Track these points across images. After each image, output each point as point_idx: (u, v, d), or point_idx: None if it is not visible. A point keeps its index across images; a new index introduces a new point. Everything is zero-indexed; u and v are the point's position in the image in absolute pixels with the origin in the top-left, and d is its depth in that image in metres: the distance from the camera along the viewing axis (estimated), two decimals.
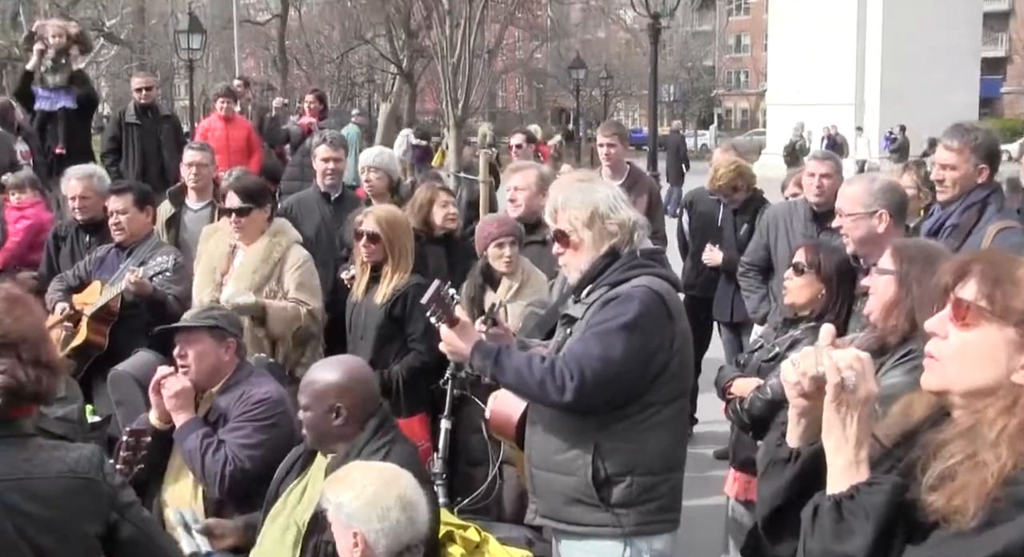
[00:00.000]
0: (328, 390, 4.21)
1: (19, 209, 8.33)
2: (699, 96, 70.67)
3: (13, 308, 2.86)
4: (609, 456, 3.99)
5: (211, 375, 4.89)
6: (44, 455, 2.89)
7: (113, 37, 40.97)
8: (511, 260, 6.07)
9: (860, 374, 2.17)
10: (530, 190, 6.80)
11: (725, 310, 8.12)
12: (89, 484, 2.92)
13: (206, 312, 5.00)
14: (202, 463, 4.63)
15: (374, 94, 56.88)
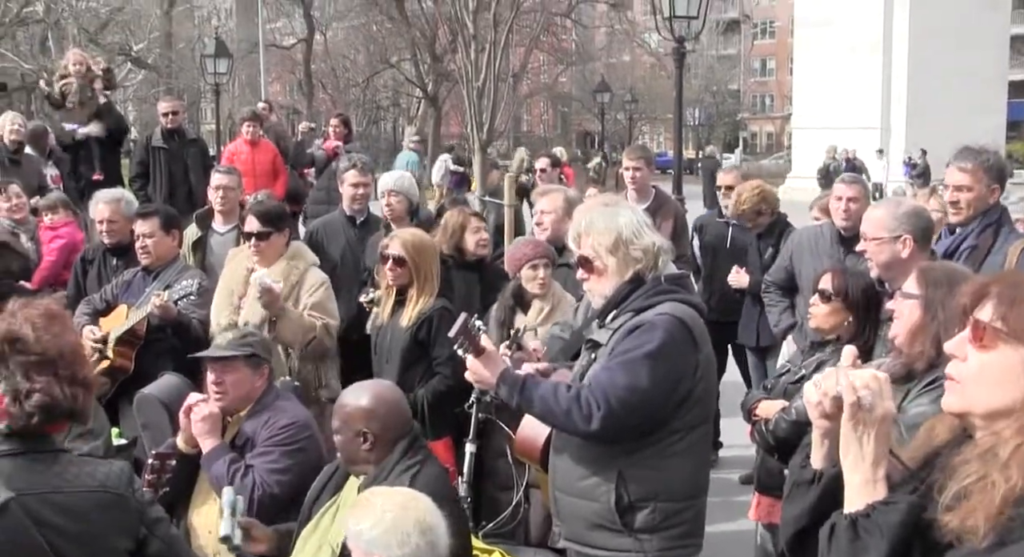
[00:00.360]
0: (356, 415, 4.22)
1: (53, 229, 8.40)
2: (724, 120, 70.68)
3: (51, 325, 2.89)
4: (632, 482, 3.99)
5: (244, 401, 4.91)
6: (75, 470, 2.92)
7: (140, 61, 41.39)
8: (544, 282, 6.07)
9: (877, 393, 2.19)
10: (557, 213, 6.82)
11: (751, 334, 8.09)
12: (119, 500, 2.95)
13: (242, 339, 4.98)
14: None
15: (399, 118, 57.17)
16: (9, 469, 2.82)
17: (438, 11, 30.93)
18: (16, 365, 2.83)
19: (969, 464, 2.12)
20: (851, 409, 2.19)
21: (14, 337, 2.84)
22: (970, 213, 5.64)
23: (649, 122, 65.49)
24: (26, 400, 2.82)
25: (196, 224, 7.72)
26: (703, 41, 38.45)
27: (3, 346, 2.85)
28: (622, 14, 49.76)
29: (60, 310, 3.01)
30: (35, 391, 2.82)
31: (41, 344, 2.85)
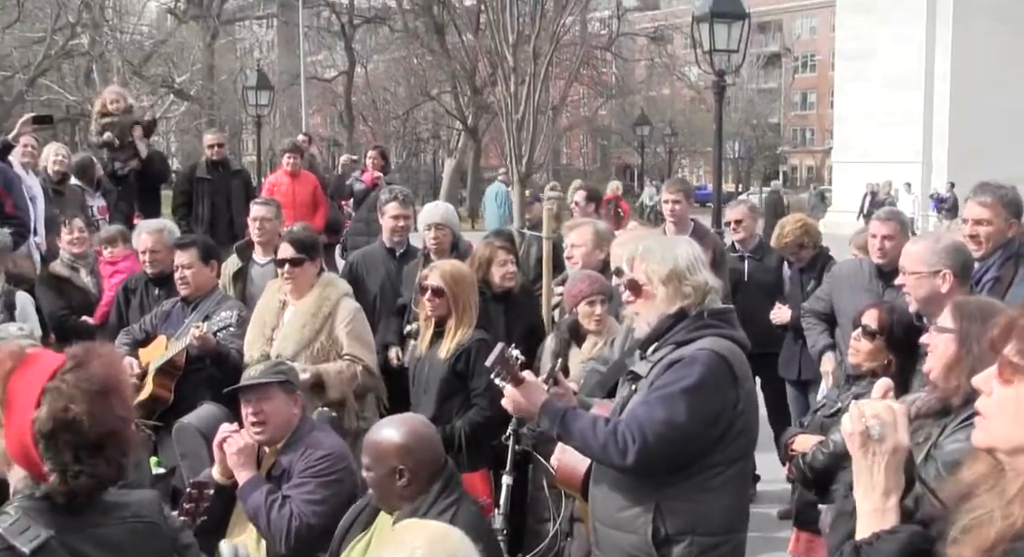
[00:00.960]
0: (390, 451, 4.18)
1: (112, 263, 8.43)
2: (764, 153, 70.57)
3: (105, 401, 2.83)
4: (670, 515, 3.98)
5: (284, 429, 4.93)
6: (108, 500, 2.92)
7: (183, 93, 41.84)
8: (601, 319, 6.05)
9: (888, 424, 2.22)
10: (587, 247, 6.82)
11: (793, 368, 8.04)
12: (152, 527, 2.95)
13: (274, 367, 5.02)
14: (268, 519, 4.64)
15: (439, 150, 57.42)
16: (43, 509, 2.80)
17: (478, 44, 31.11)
18: (66, 444, 2.77)
19: (979, 498, 2.13)
20: (860, 438, 2.24)
21: (70, 421, 2.77)
22: (989, 247, 5.73)
23: (689, 155, 65.53)
24: (73, 480, 2.78)
25: (236, 255, 7.77)
26: (743, 74, 38.43)
27: (56, 426, 2.77)
28: (662, 47, 49.90)
29: (115, 376, 2.90)
30: (83, 473, 2.78)
31: (96, 429, 2.78)
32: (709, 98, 20.79)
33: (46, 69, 38.68)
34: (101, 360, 2.90)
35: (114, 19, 41.56)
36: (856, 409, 2.26)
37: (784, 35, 76.59)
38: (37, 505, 2.79)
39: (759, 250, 8.63)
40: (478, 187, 45.52)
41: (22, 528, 2.72)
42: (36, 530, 2.72)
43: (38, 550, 2.70)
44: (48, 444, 2.77)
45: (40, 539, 2.71)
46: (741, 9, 14.97)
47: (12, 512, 2.78)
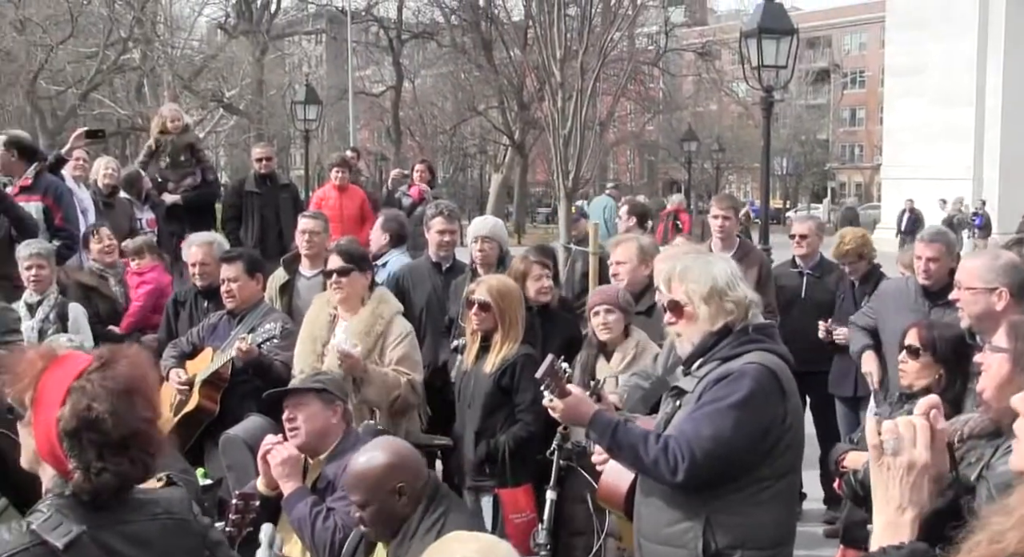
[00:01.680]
0: (384, 474, 4.18)
1: (139, 274, 8.54)
2: (812, 169, 70.13)
3: (129, 401, 2.87)
4: (720, 529, 3.96)
5: (320, 438, 4.94)
6: (139, 497, 2.95)
7: (232, 108, 42.18)
8: (607, 327, 6.05)
9: (905, 440, 2.20)
10: (632, 263, 6.81)
11: (848, 385, 7.97)
12: (183, 524, 2.98)
13: (313, 377, 5.06)
14: (312, 531, 4.65)
15: (486, 165, 57.51)
16: (74, 505, 2.83)
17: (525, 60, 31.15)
18: (89, 443, 2.81)
19: (989, 519, 2.08)
20: (874, 451, 2.23)
21: (93, 419, 2.81)
22: None
23: (736, 171, 65.24)
24: (96, 477, 2.81)
25: (283, 268, 7.81)
26: (792, 90, 38.28)
27: (80, 424, 2.81)
28: (710, 63, 49.76)
29: (141, 377, 2.94)
30: (106, 471, 2.81)
31: (119, 427, 2.82)
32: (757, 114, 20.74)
33: (98, 84, 39.13)
34: (127, 360, 2.93)
35: (165, 34, 42.02)
36: (872, 422, 2.25)
37: (833, 51, 76.13)
38: (68, 502, 2.83)
39: (819, 267, 8.54)
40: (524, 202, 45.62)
41: (55, 524, 2.76)
42: (68, 526, 2.76)
43: (71, 545, 2.74)
44: (72, 442, 2.81)
45: (72, 534, 2.75)
46: (790, 25, 14.92)
47: (44, 509, 2.82)
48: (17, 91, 37.60)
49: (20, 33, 36.05)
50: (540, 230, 41.65)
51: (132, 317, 8.26)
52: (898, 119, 42.73)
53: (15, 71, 36.37)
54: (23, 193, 8.51)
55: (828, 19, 75.32)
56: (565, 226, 12.52)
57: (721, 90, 53.98)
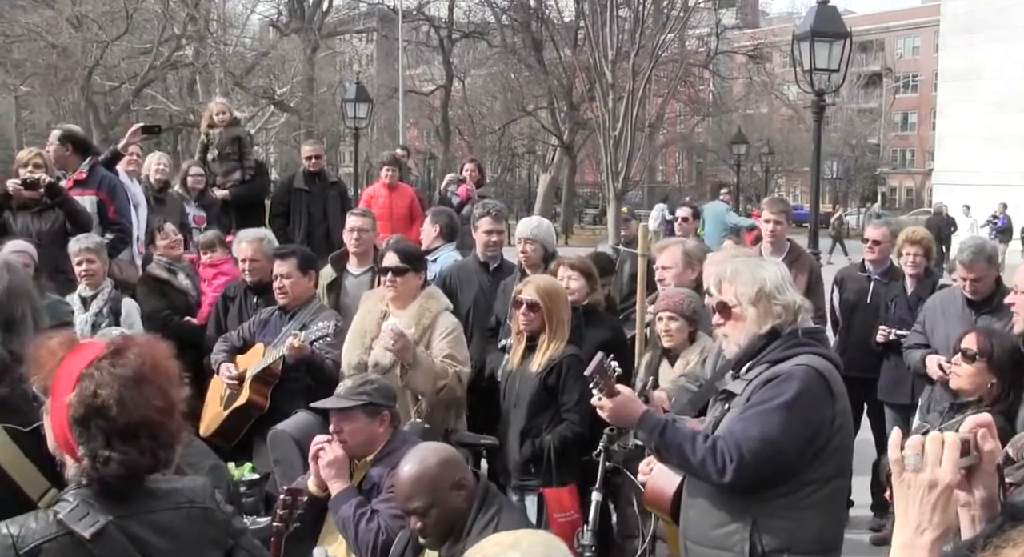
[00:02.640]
0: (442, 471, 4.22)
1: (214, 266, 8.61)
2: (863, 174, 69.50)
3: (141, 389, 2.87)
4: (767, 533, 3.96)
5: (366, 447, 4.97)
6: (163, 487, 2.97)
7: (283, 105, 42.39)
8: (669, 334, 6.05)
9: (928, 457, 2.12)
10: (677, 267, 6.78)
11: (903, 392, 7.90)
12: (207, 512, 3.00)
13: (359, 387, 5.04)
14: (356, 532, 4.69)
15: (534, 165, 57.50)
16: (99, 495, 2.86)
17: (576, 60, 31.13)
18: (98, 430, 2.83)
19: None
20: (895, 467, 2.16)
21: (99, 405, 2.83)
22: None
23: (785, 174, 64.75)
24: (103, 466, 2.83)
25: (331, 265, 7.85)
26: (843, 94, 37.93)
27: (87, 410, 2.83)
28: (761, 66, 49.47)
29: (154, 366, 2.93)
30: (112, 460, 2.82)
31: (126, 415, 2.82)
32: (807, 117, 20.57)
33: (152, 80, 39.49)
34: (139, 349, 2.94)
35: (218, 31, 42.30)
36: (896, 435, 2.18)
37: (886, 54, 75.42)
38: (92, 492, 2.85)
39: (888, 274, 8.46)
40: (572, 203, 45.55)
41: (81, 514, 2.79)
42: (95, 516, 2.79)
43: (97, 535, 2.77)
44: (81, 429, 2.83)
45: (99, 525, 2.78)
46: (842, 28, 14.79)
47: (71, 498, 2.84)
48: (72, 86, 38.04)
49: (76, 29, 36.47)
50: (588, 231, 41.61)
51: (210, 308, 8.33)
52: (951, 124, 42.27)
53: (71, 67, 36.80)
54: (77, 187, 8.61)
55: (881, 22, 74.63)
56: (614, 227, 12.50)
57: (771, 93, 53.63)
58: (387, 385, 5.30)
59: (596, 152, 22.91)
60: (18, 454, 3.57)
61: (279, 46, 44.65)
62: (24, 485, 3.60)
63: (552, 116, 42.79)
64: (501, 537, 3.50)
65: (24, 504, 3.56)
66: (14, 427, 3.59)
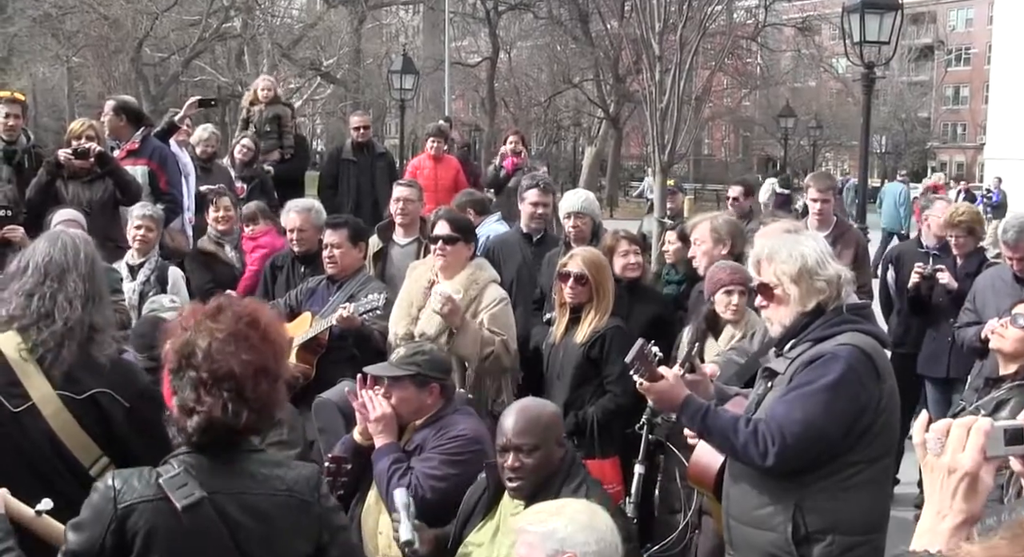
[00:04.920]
0: (554, 421, 4.33)
1: (253, 239, 8.68)
2: (912, 148, 68.70)
3: (233, 343, 2.95)
4: (810, 513, 3.93)
5: (413, 416, 5.01)
6: (266, 471, 3.02)
7: (329, 76, 42.47)
8: (738, 309, 5.97)
9: (951, 443, 2.09)
10: (707, 243, 6.72)
11: (940, 366, 7.85)
12: (304, 504, 3.04)
13: (410, 357, 5.07)
14: (387, 486, 4.75)
15: (580, 138, 57.26)
16: (204, 466, 2.93)
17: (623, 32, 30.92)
18: (188, 380, 2.92)
19: None
20: (919, 450, 2.14)
21: (189, 352, 2.92)
22: None
23: (833, 149, 64.11)
24: (188, 418, 2.92)
25: (378, 235, 7.89)
26: (893, 67, 37.42)
27: (180, 359, 2.93)
28: (810, 38, 48.89)
29: (253, 325, 3.01)
30: (196, 412, 2.90)
31: (213, 363, 2.90)
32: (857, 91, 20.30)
33: (200, 51, 39.62)
34: (236, 309, 3.03)
35: (266, 3, 42.40)
36: (922, 419, 2.15)
37: (938, 27, 74.37)
38: (197, 462, 2.92)
39: (945, 249, 8.30)
40: (617, 176, 45.37)
41: (181, 483, 2.87)
42: (192, 488, 2.86)
43: (191, 507, 2.84)
44: (176, 378, 2.95)
45: (194, 498, 2.85)
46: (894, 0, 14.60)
47: (175, 464, 2.93)
48: (123, 58, 38.28)
49: (127, 1, 36.65)
50: (633, 204, 41.40)
51: (248, 281, 8.39)
52: (1004, 98, 41.75)
53: (121, 38, 37.02)
54: (129, 157, 8.72)
55: None
56: (660, 200, 12.44)
57: (820, 66, 53.02)
58: (440, 357, 5.31)
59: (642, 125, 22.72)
60: (71, 421, 3.65)
61: (326, 18, 44.68)
62: (75, 451, 3.68)
63: (598, 88, 42.56)
64: (547, 505, 3.55)
65: (74, 469, 3.64)
66: (67, 394, 3.67)
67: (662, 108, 12.61)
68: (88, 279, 3.85)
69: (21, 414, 3.64)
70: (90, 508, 2.91)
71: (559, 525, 3.36)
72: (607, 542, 3.35)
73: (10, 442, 3.64)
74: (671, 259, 7.74)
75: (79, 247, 3.94)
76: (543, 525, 3.39)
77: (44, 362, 3.67)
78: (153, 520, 2.86)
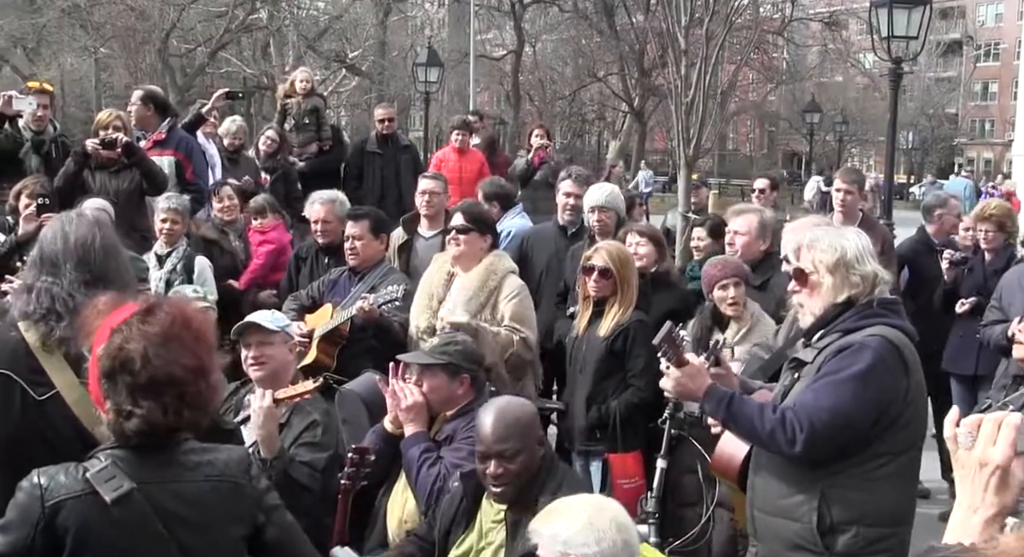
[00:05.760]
0: (534, 423, 4.30)
1: (262, 232, 8.71)
2: (939, 144, 68.30)
3: (167, 347, 2.90)
4: (836, 504, 3.93)
5: (443, 405, 5.02)
6: (195, 458, 2.99)
7: (355, 68, 42.52)
8: (736, 301, 6.02)
9: (983, 437, 2.09)
10: (751, 235, 6.74)
11: (967, 363, 7.81)
12: (236, 487, 3.02)
13: (443, 347, 5.09)
14: (416, 474, 4.77)
15: (604, 131, 57.18)
16: (132, 458, 2.89)
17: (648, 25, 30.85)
18: (123, 385, 2.88)
19: None
20: (950, 444, 2.13)
21: (124, 359, 2.87)
22: None
23: (859, 144, 63.82)
24: (126, 421, 2.87)
25: (402, 228, 7.90)
26: (921, 62, 37.16)
27: (114, 364, 2.88)
28: (837, 33, 48.64)
29: (184, 327, 2.96)
30: (135, 415, 2.86)
31: (149, 370, 2.86)
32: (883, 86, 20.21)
33: (226, 42, 39.74)
34: (170, 309, 2.99)
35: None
36: (953, 414, 2.15)
37: (967, 22, 73.89)
38: (125, 455, 2.89)
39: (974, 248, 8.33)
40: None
41: (108, 476, 2.84)
42: (120, 480, 2.83)
43: (120, 499, 2.81)
44: (108, 383, 2.89)
45: (123, 490, 2.82)
46: None
47: (102, 459, 2.89)
48: (150, 49, 38.41)
49: None
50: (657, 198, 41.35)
51: (252, 274, 8.44)
52: None
53: (148, 29, 37.16)
54: (156, 147, 8.77)
55: None
56: (685, 194, 12.42)
57: (847, 61, 52.76)
58: (472, 348, 5.32)
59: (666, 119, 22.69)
60: (84, 394, 3.66)
61: (352, 10, 44.69)
62: (86, 422, 3.70)
63: (623, 82, 42.48)
64: (554, 505, 3.55)
65: (87, 440, 3.66)
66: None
67: (687, 102, 12.58)
68: (85, 265, 3.82)
69: (46, 402, 3.67)
70: (16, 508, 2.86)
71: (561, 527, 3.37)
72: (610, 540, 3.34)
73: (35, 429, 3.67)
74: (700, 255, 7.71)
75: (68, 234, 3.89)
76: (547, 527, 3.41)
77: (66, 351, 3.69)
78: (83, 515, 2.81)
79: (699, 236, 7.81)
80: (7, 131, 8.57)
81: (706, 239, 7.72)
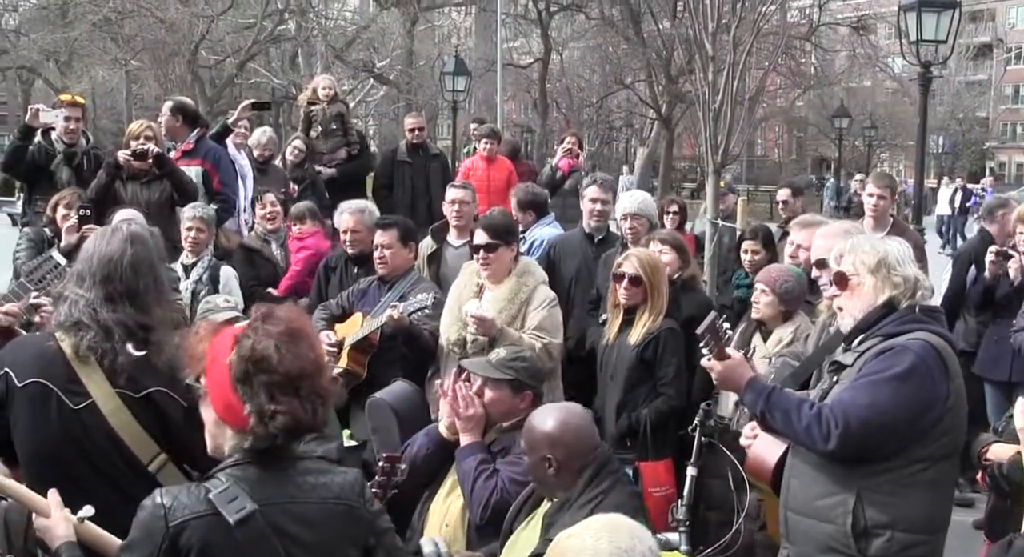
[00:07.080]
0: (541, 440, 4.24)
1: (300, 239, 8.76)
2: (970, 148, 67.86)
3: (294, 342, 2.96)
4: (871, 507, 3.92)
5: (502, 417, 4.98)
6: (311, 479, 3.03)
7: (382, 78, 42.67)
8: (755, 304, 6.03)
9: None
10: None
11: (1002, 369, 7.74)
12: (351, 510, 3.06)
13: (511, 362, 5.05)
14: (473, 486, 4.74)
15: (631, 138, 57.13)
16: (252, 478, 2.93)
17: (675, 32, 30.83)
18: (260, 385, 2.91)
19: None
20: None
21: (259, 357, 2.91)
22: None
23: (889, 149, 63.46)
24: (271, 421, 2.90)
25: (431, 237, 7.91)
26: (951, 66, 36.92)
27: (248, 366, 2.92)
28: (865, 38, 48.41)
29: (301, 325, 3.05)
30: (279, 413, 2.90)
31: (284, 364, 2.91)
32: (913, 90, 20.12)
33: (255, 54, 40.01)
34: (286, 310, 3.06)
35: (320, 5, 42.72)
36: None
37: (996, 25, 73.38)
38: (245, 473, 2.93)
39: None
40: (669, 176, 45.22)
41: (231, 497, 2.87)
42: (243, 501, 2.86)
43: (243, 521, 2.85)
44: (245, 388, 2.91)
45: (246, 511, 2.86)
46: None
47: (223, 478, 2.92)
48: (179, 61, 38.71)
49: (183, 4, 37.06)
50: None
51: (290, 280, 8.48)
52: None
53: (178, 41, 37.44)
54: (184, 158, 8.84)
55: None
56: (713, 202, 12.37)
57: (875, 65, 52.49)
58: (538, 366, 5.30)
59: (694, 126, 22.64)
60: (129, 418, 3.70)
61: (379, 20, 44.92)
62: (134, 448, 3.73)
63: (650, 89, 42.39)
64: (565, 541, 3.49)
65: (134, 466, 3.69)
66: (125, 392, 3.72)
67: (715, 109, 12.53)
68: (110, 282, 3.83)
69: (82, 411, 3.69)
70: (140, 528, 2.90)
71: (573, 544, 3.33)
72: (639, 553, 3.28)
73: (72, 439, 3.69)
74: (750, 268, 7.57)
75: (98, 249, 3.91)
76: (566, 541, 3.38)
77: (103, 361, 3.72)
78: (206, 536, 2.85)
79: (753, 249, 7.63)
80: (39, 143, 8.66)
81: (760, 251, 7.58)
